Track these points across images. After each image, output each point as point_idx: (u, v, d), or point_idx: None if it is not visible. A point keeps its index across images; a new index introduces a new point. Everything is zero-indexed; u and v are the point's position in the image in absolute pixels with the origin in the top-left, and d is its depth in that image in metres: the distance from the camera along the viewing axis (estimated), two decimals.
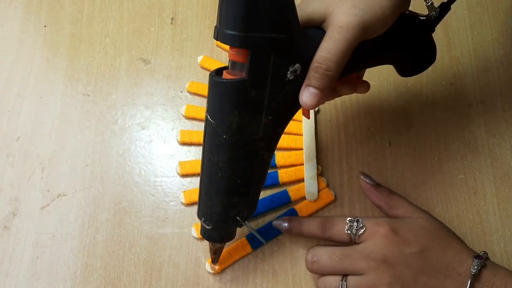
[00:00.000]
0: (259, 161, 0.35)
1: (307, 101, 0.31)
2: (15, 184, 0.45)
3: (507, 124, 0.47)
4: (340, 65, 0.30)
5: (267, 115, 0.32)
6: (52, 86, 0.49)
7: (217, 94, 0.31)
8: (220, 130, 0.32)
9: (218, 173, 0.34)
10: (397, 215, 0.41)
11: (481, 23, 0.52)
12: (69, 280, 0.42)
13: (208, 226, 0.37)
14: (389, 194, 0.42)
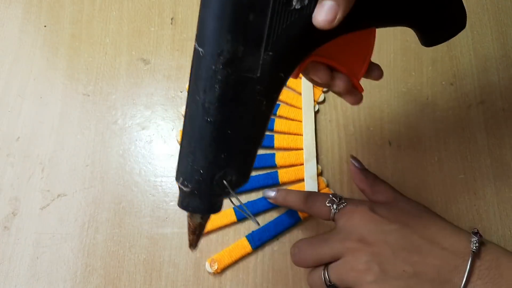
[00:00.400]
0: (255, 110, 0.28)
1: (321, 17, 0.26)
2: (15, 184, 0.45)
3: (507, 124, 0.47)
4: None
5: (267, 49, 0.27)
6: (52, 86, 0.49)
7: (208, 14, 0.26)
8: (209, 59, 0.26)
9: (203, 116, 0.28)
10: (379, 200, 0.40)
11: (481, 23, 0.52)
12: (69, 280, 0.42)
13: (187, 188, 0.29)
14: (374, 179, 0.41)
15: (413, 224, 0.36)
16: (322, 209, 0.38)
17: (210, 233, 0.43)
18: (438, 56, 0.50)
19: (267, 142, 0.46)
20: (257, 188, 0.45)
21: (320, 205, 0.39)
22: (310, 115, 0.47)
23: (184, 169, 0.30)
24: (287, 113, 0.47)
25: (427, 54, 0.50)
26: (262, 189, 0.45)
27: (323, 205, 0.39)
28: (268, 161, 0.45)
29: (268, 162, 0.45)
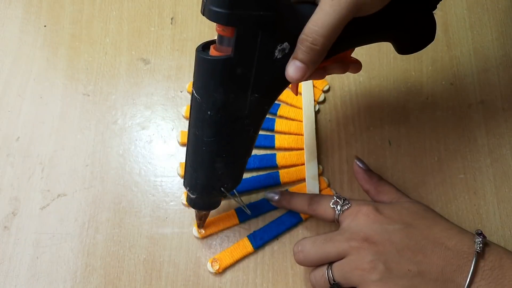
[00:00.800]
0: (244, 137, 0.34)
1: (292, 75, 0.31)
2: (15, 184, 0.45)
3: (507, 124, 0.47)
4: (328, 39, 0.29)
5: (253, 92, 0.31)
6: (52, 86, 0.49)
7: (203, 71, 0.31)
8: (205, 106, 0.32)
9: (202, 147, 0.34)
10: (383, 200, 0.40)
11: (481, 23, 0.52)
12: (69, 280, 0.42)
13: (193, 195, 0.37)
14: (378, 180, 0.41)
15: (417, 224, 0.36)
16: (327, 211, 0.39)
17: (212, 235, 0.43)
18: (438, 56, 0.50)
19: (268, 142, 0.46)
20: (258, 189, 0.45)
21: (324, 207, 0.39)
22: (311, 115, 0.47)
23: (189, 182, 0.37)
24: (287, 113, 0.47)
25: (427, 54, 0.50)
26: (263, 189, 0.45)
27: (327, 207, 0.39)
28: (269, 161, 0.45)
29: (269, 162, 0.45)
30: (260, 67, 0.30)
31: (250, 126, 0.34)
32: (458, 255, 0.34)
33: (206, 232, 0.43)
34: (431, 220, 0.37)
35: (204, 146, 0.34)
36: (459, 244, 0.35)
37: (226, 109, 0.32)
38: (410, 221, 0.36)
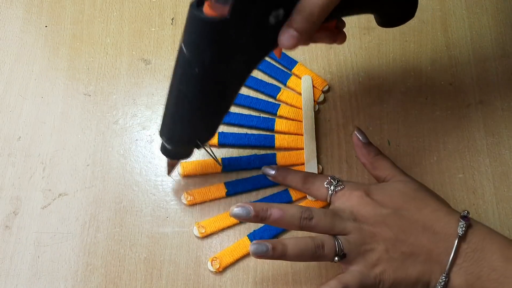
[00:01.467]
0: (227, 96, 0.36)
1: (285, 42, 0.31)
2: (16, 184, 0.45)
3: (505, 124, 0.48)
4: (325, 11, 0.30)
5: (243, 55, 0.32)
6: (53, 86, 0.49)
7: (195, 29, 0.31)
8: (193, 63, 0.32)
9: (185, 102, 0.35)
10: (379, 176, 0.41)
11: (480, 23, 0.52)
12: (70, 279, 0.42)
13: (168, 146, 0.39)
14: (375, 155, 0.42)
15: (408, 207, 0.38)
16: (320, 190, 0.40)
17: (212, 234, 0.43)
18: (437, 56, 0.50)
19: (267, 142, 0.46)
20: (258, 189, 0.45)
21: (318, 186, 0.40)
22: (310, 115, 0.47)
23: (167, 133, 0.38)
24: (287, 113, 0.47)
25: (426, 54, 0.50)
26: (263, 189, 0.45)
27: (321, 186, 0.40)
28: (269, 161, 0.46)
29: (269, 162, 0.45)
30: (253, 31, 0.31)
31: (234, 86, 0.35)
32: (445, 238, 0.36)
33: (206, 231, 0.43)
34: (421, 202, 0.38)
35: (187, 101, 0.34)
36: (446, 227, 0.36)
37: (214, 69, 0.32)
38: (401, 204, 0.38)
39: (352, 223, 0.37)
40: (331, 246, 0.36)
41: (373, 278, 0.36)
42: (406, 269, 0.36)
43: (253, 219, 0.37)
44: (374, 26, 0.52)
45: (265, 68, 0.49)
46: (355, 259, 0.37)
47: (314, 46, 0.51)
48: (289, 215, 0.37)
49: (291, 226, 0.38)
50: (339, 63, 0.50)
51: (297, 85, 0.49)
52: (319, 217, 0.37)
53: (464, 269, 0.35)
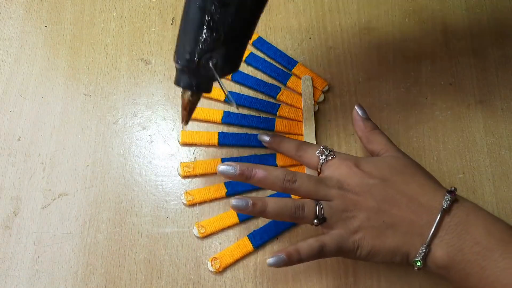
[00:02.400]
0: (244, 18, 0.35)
1: None
2: (16, 184, 0.45)
3: (505, 124, 0.48)
4: None
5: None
6: (53, 86, 0.49)
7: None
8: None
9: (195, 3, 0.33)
10: (373, 150, 0.42)
11: (480, 23, 0.52)
12: (70, 279, 0.42)
13: (178, 64, 0.35)
14: (372, 129, 0.42)
15: (395, 180, 0.38)
16: (312, 159, 0.41)
17: (212, 234, 0.43)
18: (437, 56, 0.50)
19: None
20: (258, 189, 0.45)
21: (310, 154, 0.41)
22: (310, 115, 0.47)
23: (177, 49, 0.35)
24: (287, 113, 0.47)
25: (426, 54, 0.50)
26: (263, 190, 0.45)
27: (313, 155, 0.41)
28: (269, 161, 0.46)
29: (269, 162, 0.46)
30: None
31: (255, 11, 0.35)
32: (428, 211, 0.36)
33: (206, 231, 0.43)
34: (409, 176, 0.38)
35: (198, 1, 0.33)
36: (431, 201, 0.36)
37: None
38: (389, 177, 0.38)
39: (336, 190, 0.38)
40: (311, 208, 0.37)
41: (352, 243, 0.37)
42: (386, 238, 0.36)
43: (238, 176, 0.38)
44: (374, 26, 0.52)
45: (265, 68, 0.49)
46: (336, 224, 0.37)
47: (314, 46, 0.51)
48: (273, 175, 0.38)
49: (274, 187, 0.38)
50: (339, 63, 0.50)
51: (297, 85, 0.49)
52: (302, 180, 0.38)
53: (446, 241, 0.35)
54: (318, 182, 0.38)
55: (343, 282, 0.42)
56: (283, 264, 0.36)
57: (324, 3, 0.53)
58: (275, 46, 0.50)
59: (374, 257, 0.37)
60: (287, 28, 0.52)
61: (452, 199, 0.36)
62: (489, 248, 0.34)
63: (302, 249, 0.36)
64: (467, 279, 0.34)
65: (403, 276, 0.42)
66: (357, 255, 0.37)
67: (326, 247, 0.36)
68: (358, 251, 0.37)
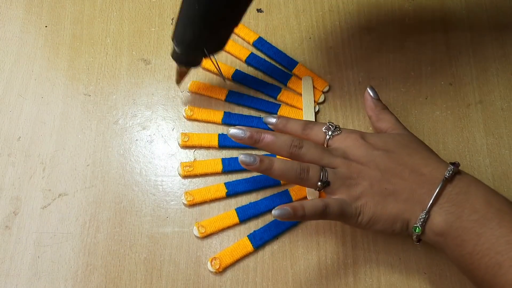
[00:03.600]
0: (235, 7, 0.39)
1: None
2: (16, 184, 0.45)
3: (505, 124, 0.48)
4: None
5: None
6: (53, 86, 0.49)
7: None
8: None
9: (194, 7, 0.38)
10: (381, 128, 0.42)
11: (480, 23, 0.52)
12: (70, 279, 0.42)
13: (178, 49, 0.42)
14: (382, 109, 0.43)
15: (399, 152, 0.39)
16: (318, 135, 0.41)
17: (212, 234, 0.43)
18: (437, 56, 0.50)
19: None
20: (258, 189, 0.45)
21: (317, 131, 0.42)
22: (311, 116, 0.47)
23: (177, 36, 0.41)
24: (287, 113, 0.47)
25: (426, 54, 0.50)
26: (263, 190, 0.45)
27: (319, 131, 0.41)
28: None
29: None
30: None
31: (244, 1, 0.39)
32: (431, 181, 0.37)
33: (206, 231, 0.43)
34: (413, 150, 0.39)
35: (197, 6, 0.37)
36: (434, 171, 0.37)
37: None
38: (393, 149, 0.39)
39: (341, 159, 0.39)
40: (316, 171, 0.38)
41: (354, 209, 0.38)
42: (387, 205, 0.37)
43: (247, 139, 0.40)
44: (374, 26, 0.52)
45: (265, 69, 0.49)
46: (339, 189, 0.38)
47: (314, 46, 0.51)
48: (281, 140, 0.39)
49: (281, 152, 0.39)
50: (339, 63, 0.50)
51: (298, 86, 0.49)
52: (308, 147, 0.39)
53: (445, 209, 0.36)
54: (324, 150, 0.39)
55: (343, 282, 0.42)
56: (287, 217, 0.37)
57: (324, 3, 0.53)
58: (275, 46, 0.50)
59: (374, 224, 0.38)
60: (287, 28, 0.52)
61: (455, 170, 0.37)
62: (487, 217, 0.34)
63: (307, 206, 0.37)
64: (462, 245, 0.35)
65: (404, 276, 0.42)
66: (358, 221, 0.38)
67: (329, 208, 0.37)
68: (359, 217, 0.38)
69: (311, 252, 0.43)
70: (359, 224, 0.38)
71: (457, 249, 0.35)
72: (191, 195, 0.44)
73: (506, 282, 0.32)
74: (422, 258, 0.43)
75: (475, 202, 0.35)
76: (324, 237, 0.44)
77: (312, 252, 0.43)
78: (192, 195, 0.44)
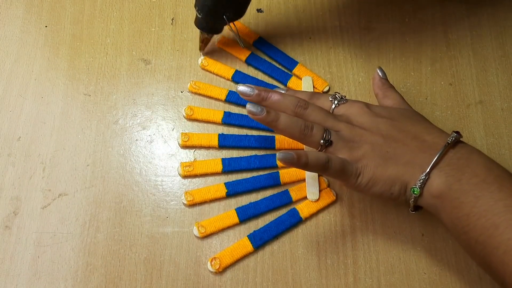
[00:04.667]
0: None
1: None
2: (16, 184, 0.45)
3: (505, 124, 0.48)
4: None
5: None
6: (53, 86, 0.49)
7: None
8: None
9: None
10: (387, 104, 0.43)
11: (480, 23, 0.52)
12: (70, 279, 0.42)
13: (200, 15, 0.45)
14: (388, 87, 0.44)
15: (402, 121, 0.40)
16: (324, 104, 0.42)
17: (212, 234, 0.43)
18: (437, 56, 0.50)
19: (268, 143, 0.46)
20: (258, 189, 0.45)
21: (323, 100, 0.42)
22: None
23: (199, 3, 0.44)
24: None
25: (426, 54, 0.50)
26: (263, 190, 0.45)
27: (326, 100, 0.42)
28: (269, 161, 0.46)
29: (269, 162, 0.46)
30: None
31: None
32: (432, 146, 0.38)
33: (206, 231, 0.43)
34: (416, 121, 0.40)
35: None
36: (436, 139, 0.38)
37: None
38: (396, 118, 0.40)
39: (344, 123, 0.40)
40: (319, 130, 0.39)
41: (355, 169, 0.38)
42: (387, 168, 0.38)
43: (255, 97, 0.41)
44: (374, 26, 0.52)
45: (265, 69, 0.49)
46: (340, 150, 0.39)
47: (314, 46, 0.51)
48: (287, 100, 0.40)
49: (287, 110, 0.40)
50: (339, 63, 0.50)
51: (298, 86, 0.49)
52: (313, 108, 0.40)
53: (446, 172, 0.36)
54: (328, 114, 0.41)
55: (343, 282, 0.42)
56: (290, 162, 0.37)
57: (324, 3, 0.53)
58: (275, 46, 0.51)
59: (373, 185, 0.38)
60: (287, 28, 0.52)
61: (457, 137, 0.37)
62: (486, 181, 0.35)
63: (311, 155, 0.37)
64: (459, 207, 0.35)
65: (403, 276, 0.42)
66: (358, 181, 0.38)
67: (331, 162, 0.37)
68: (359, 178, 0.38)
69: (311, 252, 0.43)
70: (358, 185, 0.38)
71: (453, 211, 0.35)
72: (191, 195, 0.44)
73: (502, 242, 0.33)
74: (422, 258, 0.43)
75: (476, 168, 0.36)
76: (324, 237, 0.44)
77: (312, 252, 0.43)
78: (192, 195, 0.44)
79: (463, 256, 0.43)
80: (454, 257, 0.43)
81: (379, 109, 0.41)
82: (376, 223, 0.44)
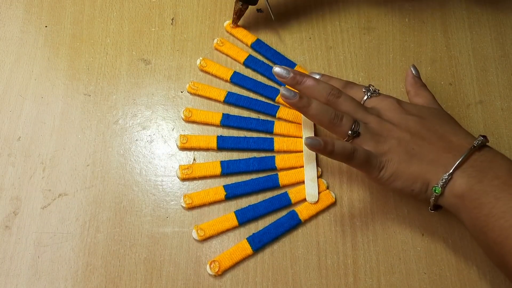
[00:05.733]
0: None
1: None
2: (16, 184, 0.45)
3: (505, 124, 0.48)
4: None
5: None
6: (53, 86, 0.49)
7: None
8: None
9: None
10: (418, 103, 0.43)
11: (480, 23, 0.52)
12: (70, 279, 0.42)
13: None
14: (421, 85, 0.44)
15: (431, 120, 0.40)
16: (357, 94, 0.43)
17: (211, 237, 0.43)
18: (437, 56, 0.50)
19: (267, 145, 0.46)
20: (257, 191, 0.45)
21: (356, 90, 0.43)
22: None
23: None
24: (286, 115, 0.47)
25: (426, 54, 0.50)
26: (262, 192, 0.45)
27: (359, 91, 0.43)
28: (268, 163, 0.46)
29: (268, 164, 0.45)
30: None
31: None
32: (458, 147, 0.38)
33: (205, 234, 0.43)
34: (445, 121, 0.41)
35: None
36: (462, 140, 0.39)
37: None
38: (425, 116, 0.41)
39: (374, 116, 0.40)
40: (348, 120, 0.39)
41: (379, 162, 0.39)
42: (411, 165, 0.38)
43: (290, 79, 0.42)
44: (374, 26, 0.52)
45: (264, 71, 0.49)
46: (367, 142, 0.39)
47: (314, 46, 0.51)
48: (321, 86, 0.41)
49: (319, 97, 0.41)
50: (339, 63, 0.50)
51: None
52: (346, 98, 0.41)
53: (468, 173, 0.37)
54: (360, 105, 0.41)
55: (343, 282, 0.42)
56: (317, 148, 0.38)
57: (324, 3, 0.53)
58: (275, 46, 0.50)
59: (395, 180, 0.39)
60: (287, 28, 0.52)
61: (484, 141, 0.38)
62: (508, 183, 0.35)
63: (337, 144, 0.38)
64: (479, 207, 0.35)
65: (403, 276, 0.42)
66: (380, 175, 0.39)
67: (357, 152, 0.38)
68: (382, 171, 0.39)
69: (311, 252, 0.43)
70: (380, 178, 0.39)
71: (473, 211, 0.36)
72: (190, 198, 0.44)
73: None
74: (422, 258, 0.43)
75: (498, 170, 0.36)
76: (324, 237, 0.44)
77: (312, 252, 0.43)
78: (191, 198, 0.44)
79: (463, 256, 0.43)
80: (454, 257, 0.43)
81: (409, 106, 0.41)
82: (376, 223, 0.44)
